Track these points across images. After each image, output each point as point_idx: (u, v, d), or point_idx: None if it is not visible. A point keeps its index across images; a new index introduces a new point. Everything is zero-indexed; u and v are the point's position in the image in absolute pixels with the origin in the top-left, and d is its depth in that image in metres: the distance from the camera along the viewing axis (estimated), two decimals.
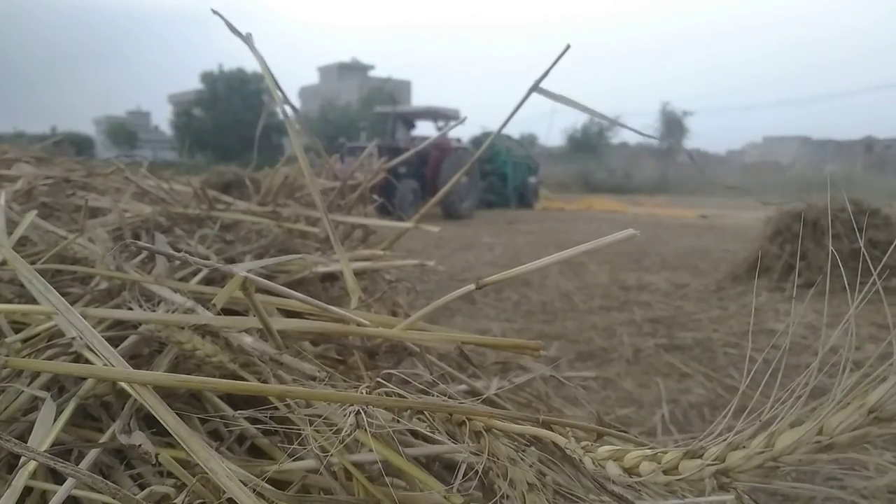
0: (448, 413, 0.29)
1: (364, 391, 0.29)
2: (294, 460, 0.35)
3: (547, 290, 3.80)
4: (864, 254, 0.24)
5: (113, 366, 0.35)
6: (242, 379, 0.39)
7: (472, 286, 0.40)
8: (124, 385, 0.36)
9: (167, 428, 0.32)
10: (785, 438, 0.21)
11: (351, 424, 0.28)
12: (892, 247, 0.23)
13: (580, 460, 0.26)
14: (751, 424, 0.22)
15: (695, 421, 1.91)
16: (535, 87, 0.59)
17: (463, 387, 0.55)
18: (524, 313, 3.20)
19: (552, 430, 0.28)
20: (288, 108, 0.65)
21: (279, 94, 0.64)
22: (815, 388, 0.24)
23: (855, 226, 3.56)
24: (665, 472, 0.23)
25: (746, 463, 0.22)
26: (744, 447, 0.22)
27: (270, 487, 0.32)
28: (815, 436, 0.20)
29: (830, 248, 0.27)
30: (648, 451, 0.25)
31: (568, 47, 0.60)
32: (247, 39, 0.62)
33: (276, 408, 0.35)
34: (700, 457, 0.23)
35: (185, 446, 0.31)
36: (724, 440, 0.23)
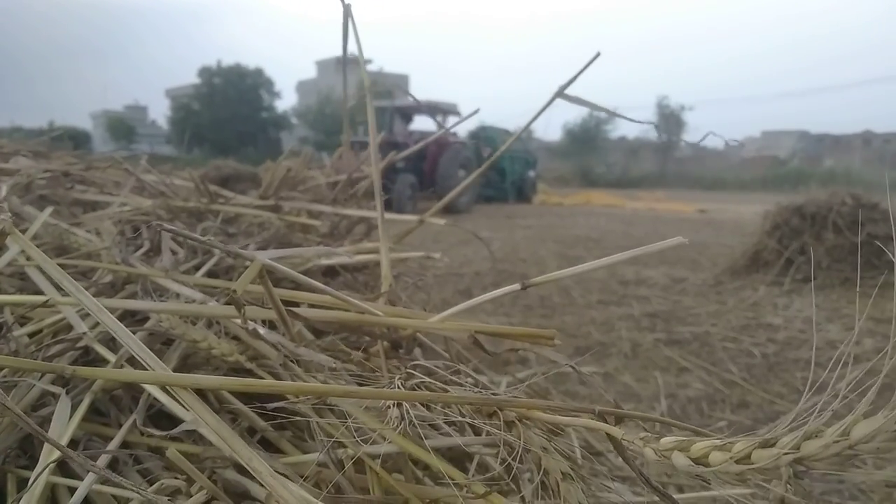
0: (493, 407, 0.29)
1: (399, 383, 0.29)
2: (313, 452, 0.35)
3: (545, 284, 3.79)
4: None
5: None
6: (257, 375, 0.39)
7: (516, 286, 0.41)
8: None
9: (212, 429, 0.32)
10: (862, 428, 0.21)
11: (396, 417, 0.28)
12: None
13: (640, 452, 0.26)
14: (819, 416, 0.23)
15: (693, 415, 1.92)
16: (560, 93, 0.59)
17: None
18: (522, 308, 3.20)
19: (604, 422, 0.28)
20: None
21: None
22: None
23: (853, 220, 3.57)
24: (737, 462, 0.23)
25: (824, 451, 0.22)
26: (819, 436, 0.22)
27: (310, 488, 0.31)
28: (894, 424, 0.21)
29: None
30: (717, 441, 0.25)
31: (598, 55, 0.60)
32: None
33: (293, 402, 0.35)
34: (774, 446, 0.23)
35: (228, 446, 0.31)
36: (798, 429, 0.23)
